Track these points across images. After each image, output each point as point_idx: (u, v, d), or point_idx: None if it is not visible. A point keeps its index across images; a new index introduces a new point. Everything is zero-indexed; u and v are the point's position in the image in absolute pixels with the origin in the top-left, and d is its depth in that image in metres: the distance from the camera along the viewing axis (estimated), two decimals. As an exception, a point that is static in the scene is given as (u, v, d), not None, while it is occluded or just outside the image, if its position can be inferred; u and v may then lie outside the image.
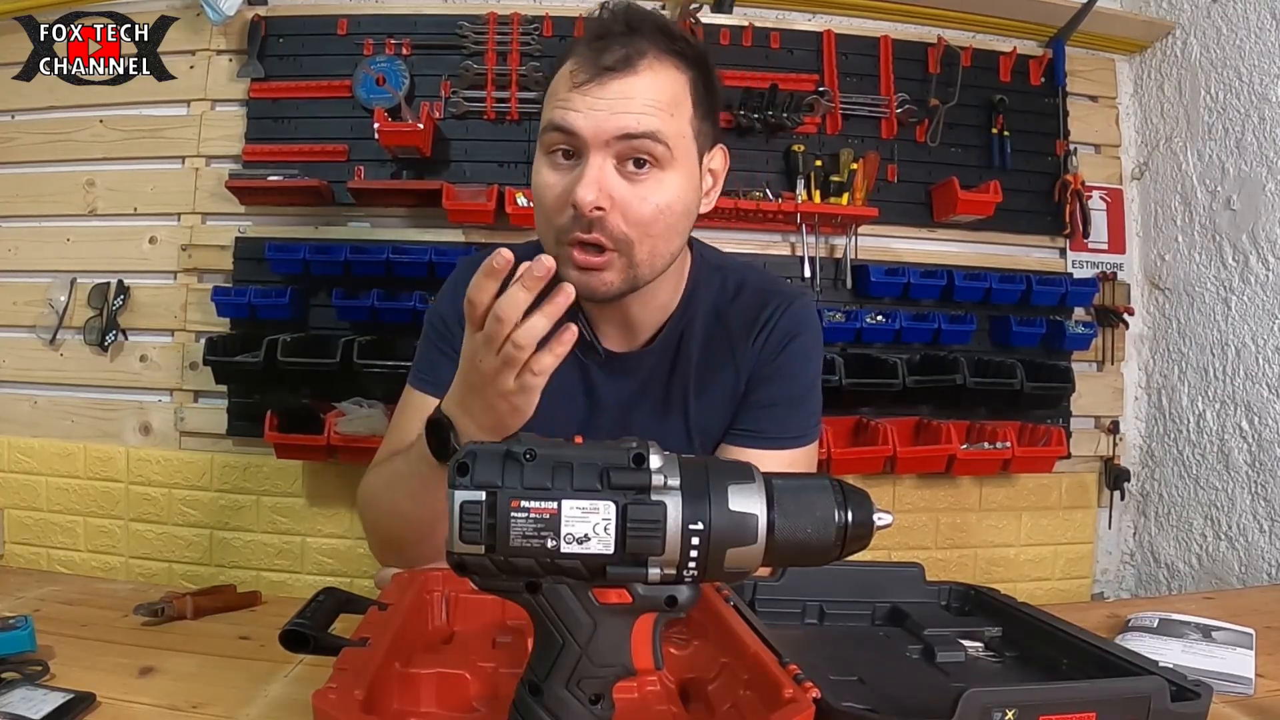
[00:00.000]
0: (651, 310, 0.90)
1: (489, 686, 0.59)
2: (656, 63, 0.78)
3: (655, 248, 0.80)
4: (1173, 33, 1.94)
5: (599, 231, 0.77)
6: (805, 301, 0.95)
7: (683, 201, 0.81)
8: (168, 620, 0.84)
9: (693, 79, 0.81)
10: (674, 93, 0.79)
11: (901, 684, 0.65)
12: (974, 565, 1.97)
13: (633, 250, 0.79)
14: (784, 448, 0.92)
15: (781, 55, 1.92)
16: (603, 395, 0.92)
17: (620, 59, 0.76)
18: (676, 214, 0.80)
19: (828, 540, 0.46)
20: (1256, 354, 1.73)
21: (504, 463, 0.44)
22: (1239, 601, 1.08)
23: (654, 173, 0.78)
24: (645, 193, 0.77)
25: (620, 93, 0.76)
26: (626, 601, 0.46)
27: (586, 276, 0.79)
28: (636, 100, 0.76)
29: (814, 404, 0.95)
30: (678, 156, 0.79)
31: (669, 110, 0.78)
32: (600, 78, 0.76)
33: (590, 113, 0.76)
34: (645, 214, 0.78)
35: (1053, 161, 1.98)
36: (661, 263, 0.82)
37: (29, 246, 1.88)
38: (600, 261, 0.78)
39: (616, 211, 0.77)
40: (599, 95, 0.76)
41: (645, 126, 0.76)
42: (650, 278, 0.82)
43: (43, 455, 1.86)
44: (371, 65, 1.81)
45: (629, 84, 0.76)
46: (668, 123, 0.77)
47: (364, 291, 1.72)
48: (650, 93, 0.77)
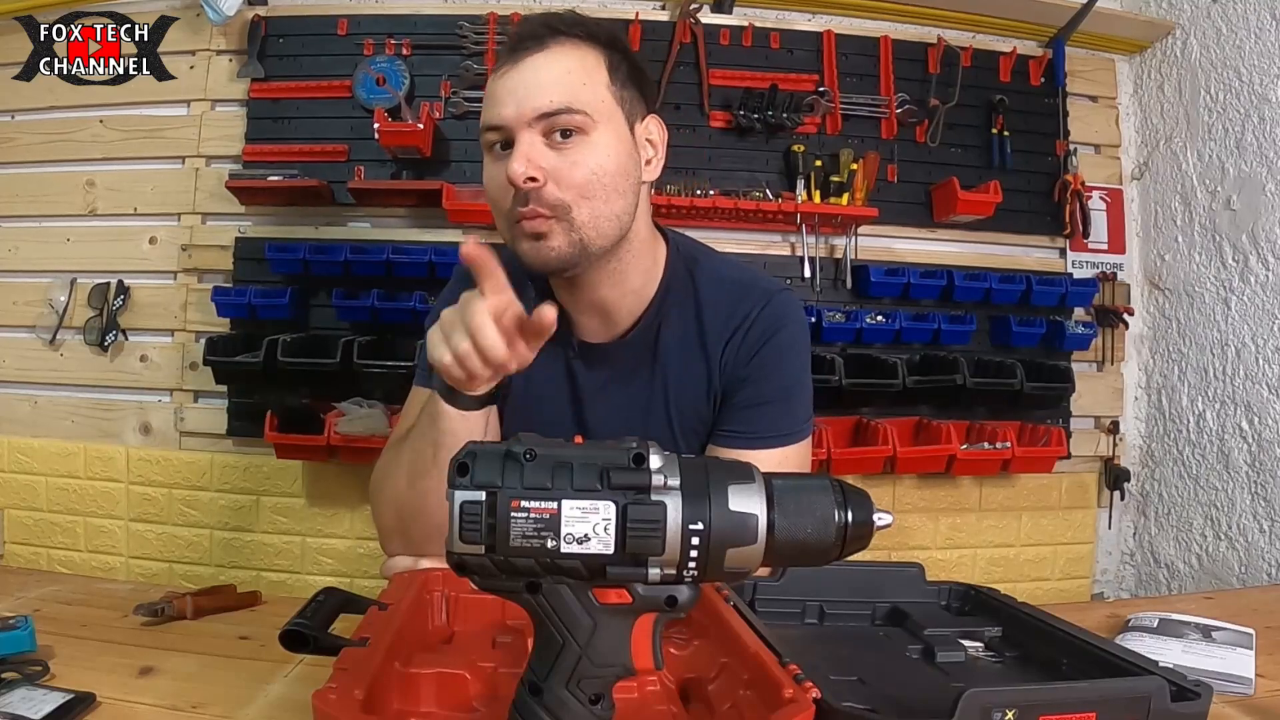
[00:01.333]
0: (625, 295, 0.90)
1: (489, 686, 0.59)
2: (566, 41, 0.83)
3: (596, 210, 0.82)
4: (1173, 33, 1.94)
5: (535, 203, 0.80)
6: (785, 296, 0.94)
7: (615, 162, 0.83)
8: (168, 620, 0.84)
9: (605, 52, 0.85)
10: (584, 64, 0.83)
11: (901, 684, 0.65)
12: (974, 565, 1.97)
13: (571, 214, 0.81)
14: (776, 446, 0.91)
15: (781, 55, 1.92)
16: (585, 386, 0.94)
17: (532, 42, 0.82)
18: (611, 174, 0.82)
19: (828, 540, 0.46)
20: (1256, 354, 1.73)
21: (504, 463, 0.44)
22: (1239, 601, 1.07)
23: (579, 138, 0.81)
24: (575, 158, 0.81)
25: (533, 68, 0.80)
26: (626, 601, 0.46)
27: (535, 245, 0.82)
28: (548, 75, 0.80)
29: (803, 399, 0.94)
30: (600, 122, 0.82)
31: (581, 80, 0.81)
32: (514, 58, 0.81)
33: (510, 97, 0.80)
34: (578, 178, 0.80)
35: (1053, 161, 1.98)
36: (608, 226, 0.84)
37: (29, 246, 1.88)
38: (541, 225, 0.81)
39: (550, 182, 0.80)
40: (513, 77, 0.81)
41: (559, 101, 0.79)
42: (601, 242, 0.84)
43: (43, 455, 1.86)
44: (371, 65, 1.81)
45: (540, 59, 0.81)
46: (581, 92, 0.81)
47: (364, 291, 1.72)
48: (561, 65, 0.81)
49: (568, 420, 0.94)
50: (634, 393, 0.93)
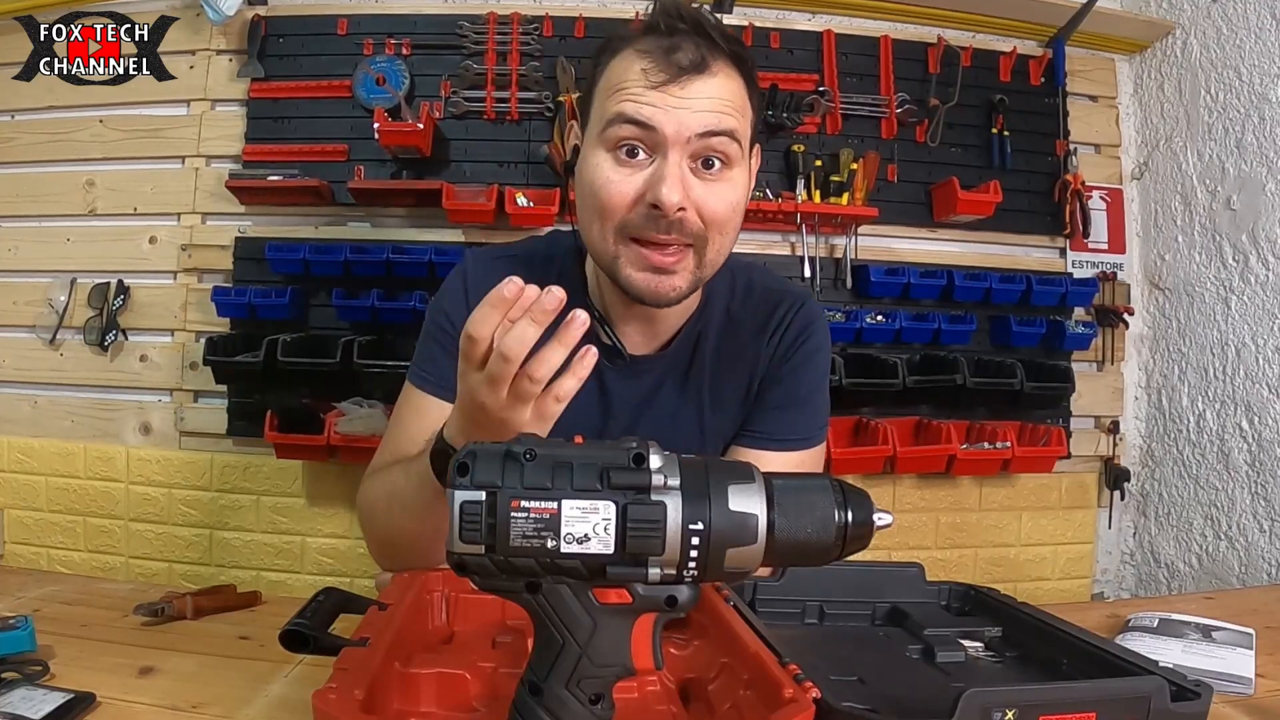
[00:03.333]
0: (678, 311, 0.89)
1: (489, 686, 0.59)
2: (726, 66, 0.79)
3: (722, 247, 0.81)
4: (1173, 33, 1.94)
5: (678, 232, 0.77)
6: (814, 303, 0.96)
7: (745, 199, 0.82)
8: (168, 620, 0.84)
9: (747, 79, 0.82)
10: (741, 96, 0.80)
11: (901, 684, 0.65)
12: (974, 565, 1.97)
13: (705, 249, 0.79)
14: (793, 449, 0.92)
15: (781, 55, 1.92)
16: (616, 399, 0.91)
17: (696, 60, 0.76)
18: (740, 211, 0.82)
19: (828, 540, 0.46)
20: (1256, 354, 1.73)
21: (504, 463, 0.44)
22: (1239, 601, 1.07)
23: (724, 172, 0.79)
24: (720, 191, 0.78)
25: (700, 92, 0.76)
26: (626, 601, 0.46)
27: (657, 280, 0.78)
28: (714, 99, 0.77)
29: (822, 405, 0.95)
30: (742, 155, 0.80)
31: (740, 112, 0.79)
32: (680, 78, 0.76)
33: (673, 111, 0.75)
34: (720, 213, 0.78)
35: (1053, 161, 1.98)
36: (721, 260, 0.83)
37: (29, 246, 1.88)
38: (673, 261, 0.78)
39: (693, 211, 0.77)
40: (680, 95, 0.75)
41: (726, 125, 0.77)
42: (708, 279, 0.83)
43: (43, 455, 1.86)
44: (371, 65, 1.81)
45: (707, 85, 0.76)
46: (739, 123, 0.79)
47: (364, 291, 1.72)
48: (724, 92, 0.78)
49: (594, 433, 0.91)
50: (667, 406, 0.92)
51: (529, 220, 1.71)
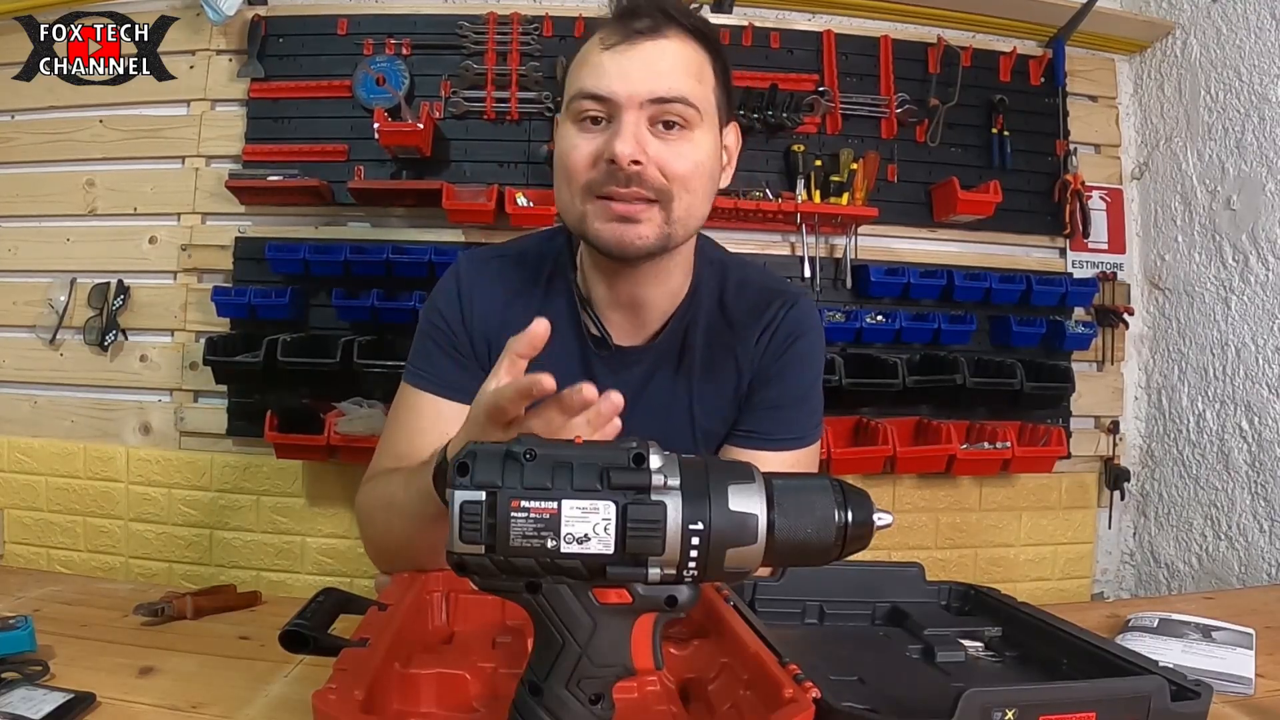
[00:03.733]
0: (663, 295, 0.90)
1: (489, 686, 0.59)
2: (682, 34, 0.81)
3: (691, 205, 0.81)
4: (1173, 33, 1.94)
5: (637, 185, 0.78)
6: (808, 301, 0.96)
7: (711, 163, 0.83)
8: (168, 620, 0.84)
9: (711, 53, 0.83)
10: (698, 63, 0.81)
11: (901, 684, 0.65)
12: (974, 565, 1.97)
13: (672, 203, 0.80)
14: (788, 448, 0.92)
15: (781, 55, 1.92)
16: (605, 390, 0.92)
17: (650, 26, 0.79)
18: (707, 174, 0.82)
19: (828, 540, 0.46)
20: (1256, 354, 1.73)
21: (504, 463, 0.44)
22: (1239, 601, 1.07)
23: (684, 133, 0.80)
24: (679, 149, 0.79)
25: (652, 54, 0.78)
26: (626, 601, 0.46)
27: (622, 228, 0.79)
28: (666, 63, 0.78)
29: (816, 404, 0.95)
30: (705, 121, 0.81)
31: (696, 76, 0.80)
32: (632, 39, 0.78)
33: (622, 75, 0.77)
34: (681, 169, 0.79)
35: (1053, 161, 1.98)
36: (694, 223, 0.83)
37: (29, 246, 1.88)
38: (638, 210, 0.79)
39: (652, 166, 0.78)
40: (631, 56, 0.78)
41: (678, 90, 0.78)
42: (681, 239, 0.83)
43: (43, 455, 1.86)
44: (371, 65, 1.81)
45: (659, 46, 0.78)
46: (696, 88, 0.80)
47: (364, 291, 1.72)
48: (679, 55, 0.79)
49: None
50: (658, 399, 0.92)
51: (529, 220, 1.71)
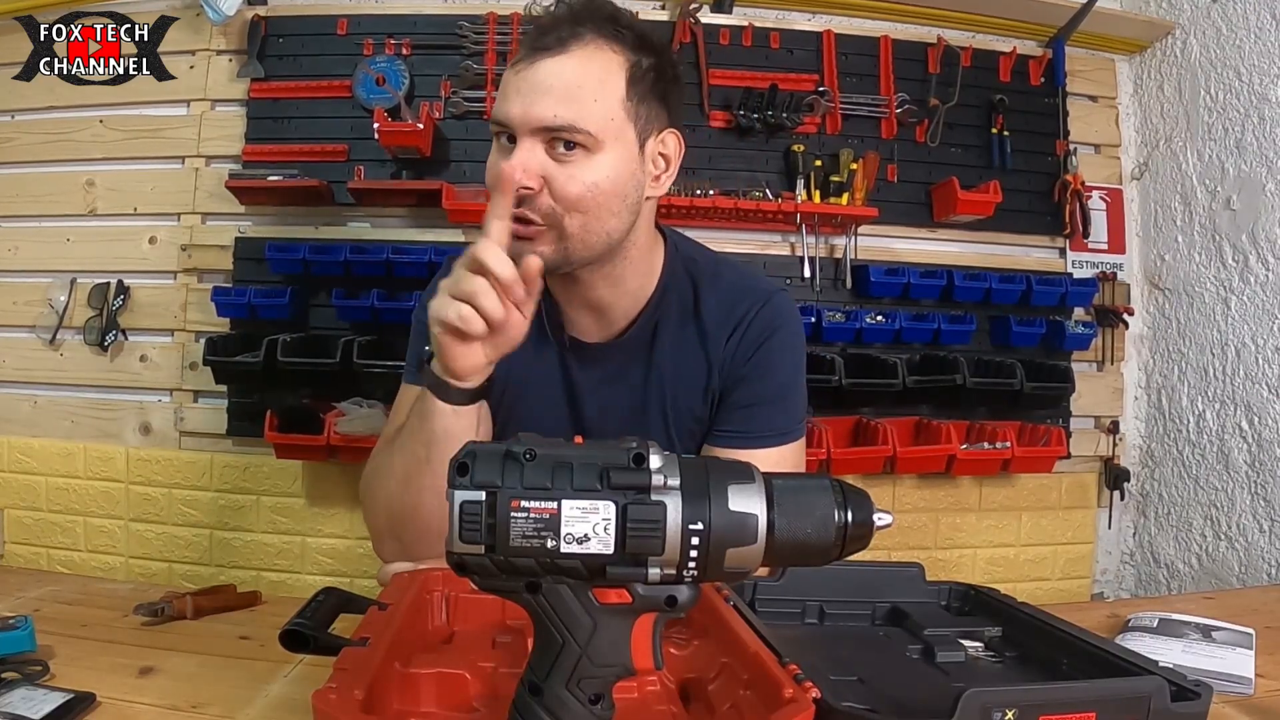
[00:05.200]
0: (621, 296, 0.91)
1: (489, 686, 0.59)
2: (591, 44, 0.80)
3: (587, 224, 0.82)
4: (1173, 33, 1.94)
5: (528, 208, 0.80)
6: (782, 297, 0.95)
7: (614, 182, 0.82)
8: (168, 620, 0.84)
9: (631, 62, 0.82)
10: (602, 75, 0.80)
11: (901, 684, 0.65)
12: (974, 565, 1.97)
13: (561, 224, 0.81)
14: (773, 445, 0.92)
15: (781, 55, 1.91)
16: (580, 383, 0.94)
17: (554, 39, 0.79)
18: (607, 193, 0.82)
19: (828, 540, 0.46)
20: (1256, 354, 1.73)
21: (504, 463, 0.44)
22: (1239, 601, 1.08)
23: (581, 154, 0.80)
24: (573, 172, 0.80)
25: (545, 74, 0.78)
26: (626, 601, 0.46)
27: (520, 245, 0.81)
28: (559, 84, 0.78)
29: (798, 399, 0.95)
30: (606, 140, 0.80)
31: (593, 95, 0.79)
32: (531, 57, 0.79)
33: (518, 98, 0.79)
34: (572, 192, 0.80)
35: (1053, 161, 1.98)
36: (596, 240, 0.83)
37: (29, 246, 1.88)
38: (531, 232, 0.81)
39: (544, 193, 0.80)
40: (527, 78, 0.79)
41: (562, 119, 0.78)
42: (586, 255, 0.84)
43: (43, 455, 1.86)
44: (371, 65, 1.81)
45: (558, 65, 0.79)
46: (589, 109, 0.79)
47: (364, 291, 1.72)
48: (575, 74, 0.79)
49: (563, 418, 0.94)
50: (629, 392, 0.93)
51: (529, 220, 1.71)
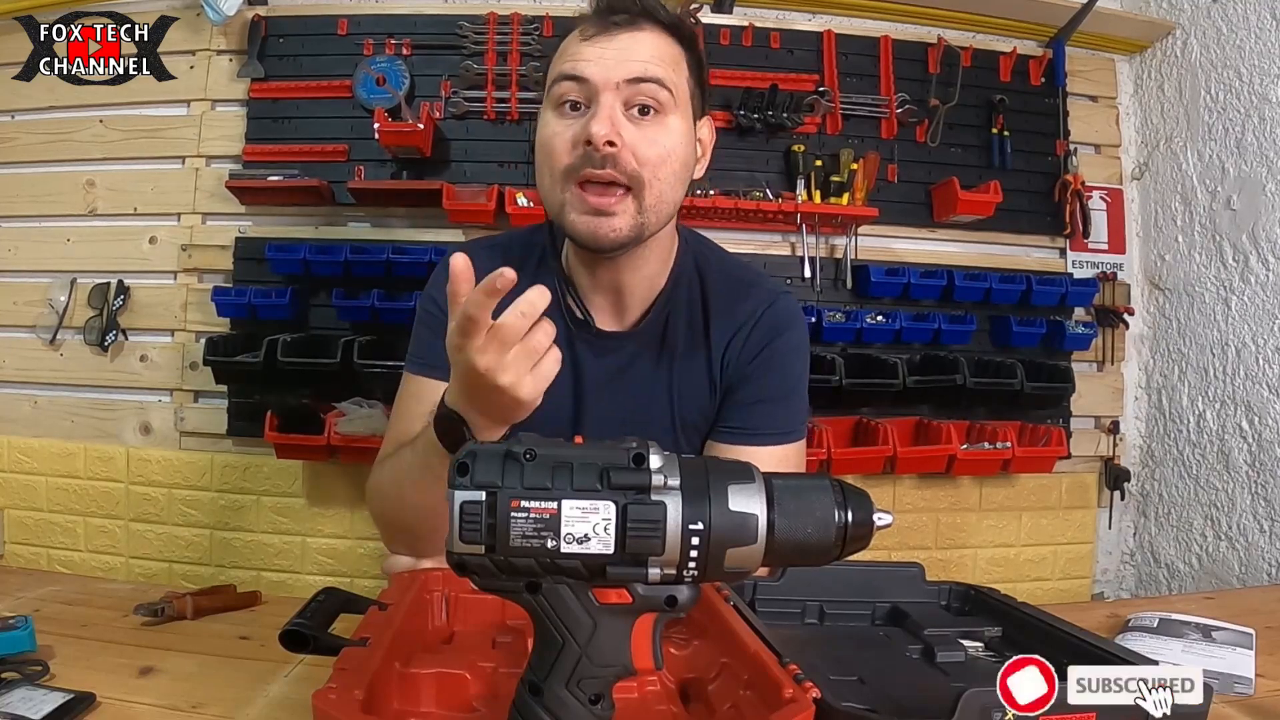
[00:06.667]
0: (641, 280, 0.92)
1: (489, 686, 0.59)
2: (657, 27, 0.84)
3: (663, 193, 0.83)
4: (1173, 33, 1.94)
5: (612, 167, 0.80)
6: (788, 299, 0.97)
7: (684, 150, 0.85)
8: (168, 620, 0.84)
9: (686, 48, 0.87)
10: (673, 53, 0.85)
11: (901, 684, 0.65)
12: (974, 565, 1.97)
13: (644, 190, 0.82)
14: (774, 443, 0.92)
15: (781, 55, 1.92)
16: (589, 375, 0.94)
17: (626, 19, 0.83)
18: (679, 161, 0.84)
19: (828, 540, 0.46)
20: (1256, 354, 1.73)
21: (504, 463, 0.44)
22: (1239, 601, 1.08)
23: (658, 118, 0.83)
24: (653, 135, 0.82)
25: (627, 42, 0.82)
26: (626, 601, 0.46)
27: (596, 221, 0.82)
28: (641, 50, 0.82)
29: (801, 400, 0.96)
30: (679, 106, 0.84)
31: (671, 65, 0.84)
32: (609, 30, 0.82)
33: (600, 60, 0.81)
34: (654, 154, 0.81)
35: (1053, 161, 1.98)
36: (666, 211, 0.85)
37: (29, 246, 1.88)
38: (612, 203, 0.81)
39: (627, 150, 0.80)
40: (607, 45, 0.81)
41: (653, 72, 0.81)
42: (655, 227, 0.85)
43: (43, 455, 1.86)
44: (371, 65, 1.81)
45: (635, 36, 0.82)
46: (670, 73, 0.83)
47: (364, 291, 1.72)
48: (654, 44, 0.83)
49: (567, 412, 0.94)
50: (639, 385, 0.94)
51: (529, 220, 1.71)
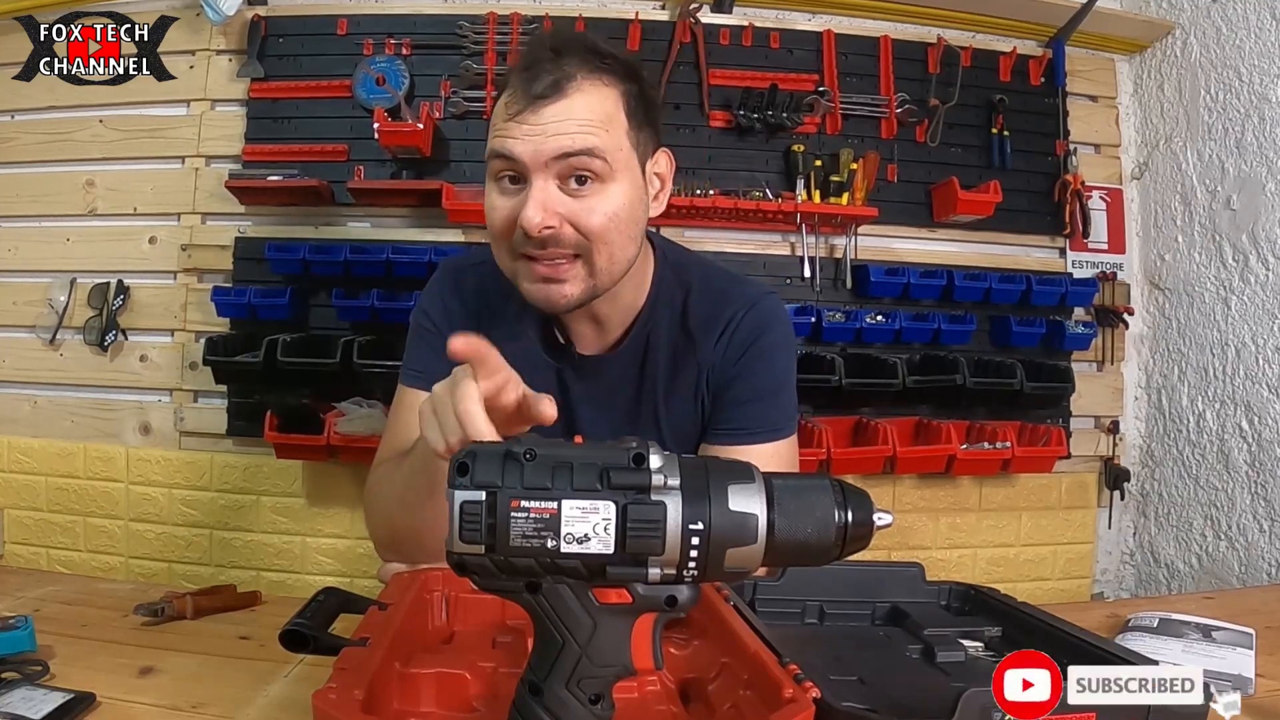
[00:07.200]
0: (618, 309, 0.92)
1: (489, 686, 0.59)
2: (585, 83, 0.80)
3: (612, 255, 0.83)
4: (1173, 33, 1.94)
5: (554, 246, 0.80)
6: (768, 301, 0.96)
7: (629, 210, 0.83)
8: (168, 620, 0.84)
9: (624, 92, 0.83)
10: (605, 110, 0.81)
11: (901, 684, 0.65)
12: (974, 565, 1.97)
13: (593, 256, 0.81)
14: (767, 441, 0.93)
15: (781, 55, 1.92)
16: (576, 397, 0.95)
17: (549, 85, 0.78)
18: (625, 221, 0.82)
19: (828, 540, 0.46)
20: (1256, 354, 1.73)
21: (504, 463, 0.44)
22: (1239, 601, 1.08)
23: (598, 185, 0.80)
24: (593, 204, 0.80)
25: (556, 113, 0.78)
26: (626, 601, 0.46)
27: (548, 289, 0.82)
28: (572, 118, 0.78)
29: (790, 397, 0.97)
30: (617, 169, 0.81)
31: (603, 127, 0.80)
32: (533, 105, 0.78)
33: (527, 139, 0.78)
34: (596, 224, 0.80)
35: (1053, 161, 1.98)
36: (619, 269, 0.85)
37: (29, 246, 1.88)
38: (561, 270, 0.81)
39: (566, 226, 0.80)
40: (534, 122, 0.78)
41: (581, 144, 0.78)
42: (609, 285, 0.85)
43: (43, 455, 1.86)
44: (371, 65, 1.81)
45: (560, 108, 0.78)
46: (603, 138, 0.80)
47: (364, 291, 1.72)
48: (582, 113, 0.79)
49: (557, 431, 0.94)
50: (623, 402, 0.95)
51: (529, 220, 1.71)
